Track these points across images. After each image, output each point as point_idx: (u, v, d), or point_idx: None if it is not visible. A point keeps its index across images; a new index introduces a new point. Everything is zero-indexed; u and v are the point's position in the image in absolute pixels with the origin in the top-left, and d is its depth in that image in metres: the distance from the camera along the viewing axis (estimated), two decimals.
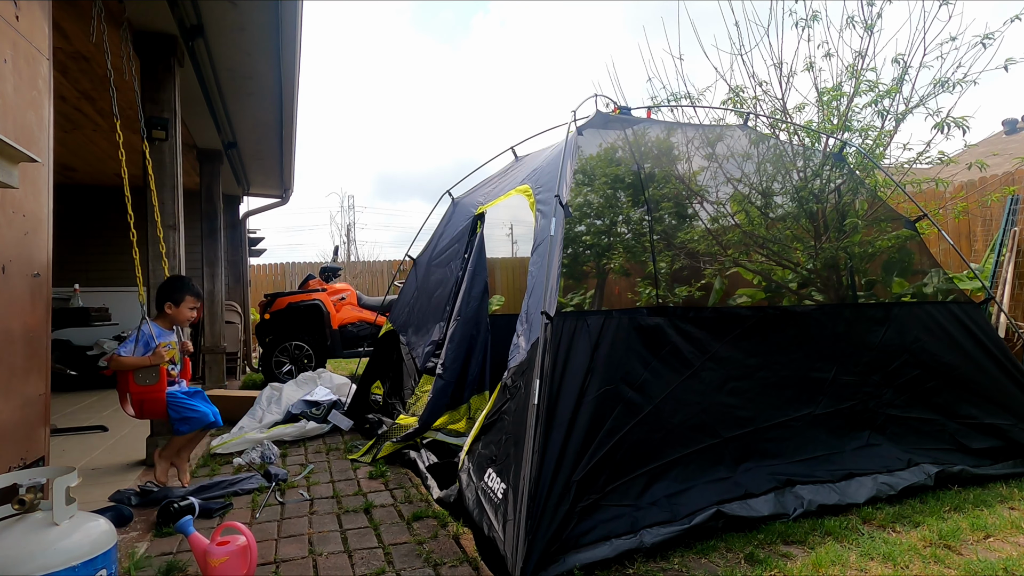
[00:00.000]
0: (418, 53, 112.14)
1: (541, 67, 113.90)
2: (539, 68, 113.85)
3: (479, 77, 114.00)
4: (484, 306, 3.95)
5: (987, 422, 3.10)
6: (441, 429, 3.80)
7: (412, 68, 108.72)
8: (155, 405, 3.01)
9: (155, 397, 2.98)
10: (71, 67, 4.38)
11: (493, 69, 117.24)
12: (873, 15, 4.44)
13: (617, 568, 2.10)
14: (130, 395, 2.98)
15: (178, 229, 3.75)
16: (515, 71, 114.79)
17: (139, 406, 3.01)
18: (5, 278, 1.82)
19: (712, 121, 4.86)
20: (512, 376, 2.52)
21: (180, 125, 3.96)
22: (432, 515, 2.69)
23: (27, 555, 1.44)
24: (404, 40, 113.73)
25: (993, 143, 11.59)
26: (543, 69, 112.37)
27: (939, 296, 4.46)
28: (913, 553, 2.18)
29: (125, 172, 3.02)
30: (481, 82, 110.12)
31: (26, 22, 1.97)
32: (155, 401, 3.00)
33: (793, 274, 5.10)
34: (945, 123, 4.13)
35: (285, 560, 2.31)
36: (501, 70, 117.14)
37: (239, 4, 3.60)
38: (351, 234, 28.79)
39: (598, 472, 2.28)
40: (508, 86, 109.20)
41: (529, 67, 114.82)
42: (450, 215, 4.72)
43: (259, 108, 5.31)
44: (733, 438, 2.64)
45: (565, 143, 3.10)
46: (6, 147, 1.54)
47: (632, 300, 8.36)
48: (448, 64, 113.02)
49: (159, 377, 2.97)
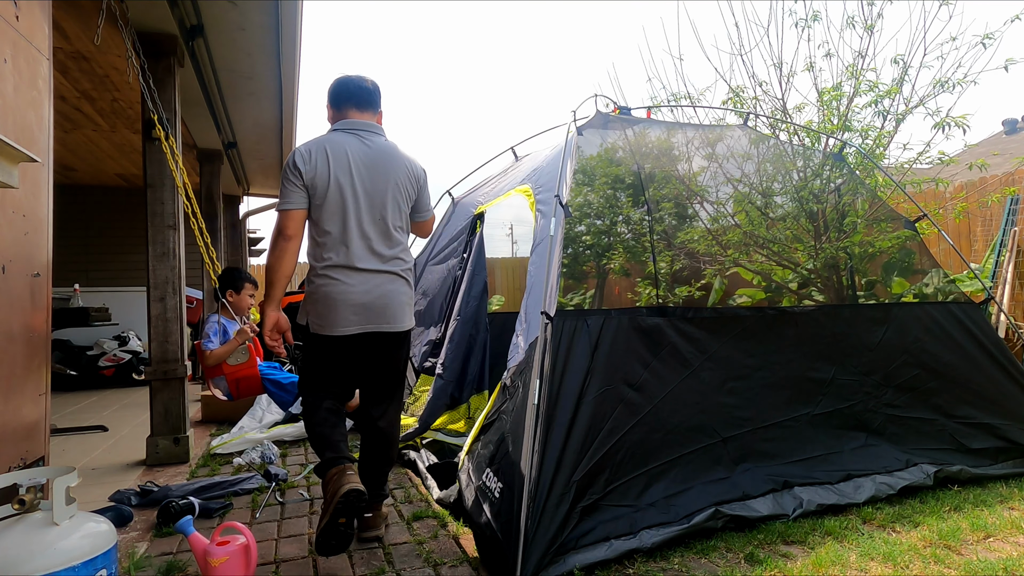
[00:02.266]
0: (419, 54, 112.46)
1: (541, 67, 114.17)
2: (539, 68, 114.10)
3: (479, 77, 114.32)
4: (483, 306, 3.95)
5: (986, 422, 3.10)
6: (440, 429, 3.80)
7: (412, 69, 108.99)
8: (251, 381, 3.20)
9: (250, 373, 3.19)
10: (71, 67, 4.38)
11: (493, 69, 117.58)
12: (873, 15, 4.44)
13: (617, 568, 2.10)
14: (224, 377, 3.15)
15: (178, 229, 3.75)
16: (515, 71, 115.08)
17: (235, 385, 3.18)
18: (5, 278, 1.82)
19: (712, 121, 4.86)
20: (512, 376, 2.52)
21: (180, 125, 3.96)
22: (432, 515, 2.69)
23: (27, 555, 1.44)
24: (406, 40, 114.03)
25: (993, 143, 11.59)
26: (543, 69, 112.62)
27: (939, 296, 4.46)
28: (913, 553, 2.18)
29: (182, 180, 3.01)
30: (481, 82, 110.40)
31: (26, 22, 1.97)
32: (250, 377, 3.19)
33: (793, 274, 5.10)
34: (945, 123, 4.14)
35: (285, 560, 2.31)
36: (501, 70, 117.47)
37: (239, 4, 3.60)
38: None
39: (598, 472, 2.28)
40: (508, 86, 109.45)
41: (529, 67, 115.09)
42: (449, 215, 4.72)
43: (259, 108, 5.32)
44: (732, 438, 2.64)
45: (565, 143, 3.10)
46: (6, 147, 1.54)
47: (632, 300, 8.37)
48: (449, 64, 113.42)
49: (248, 354, 3.18)
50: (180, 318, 3.74)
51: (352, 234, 2.26)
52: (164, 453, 3.61)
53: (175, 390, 3.68)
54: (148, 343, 3.76)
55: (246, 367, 3.17)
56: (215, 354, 3.10)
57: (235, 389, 3.18)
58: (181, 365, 3.73)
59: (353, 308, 2.25)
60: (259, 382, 3.22)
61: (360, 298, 2.25)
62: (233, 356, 3.12)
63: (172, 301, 3.68)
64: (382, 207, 2.32)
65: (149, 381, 3.67)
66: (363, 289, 2.26)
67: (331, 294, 2.25)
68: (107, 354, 6.62)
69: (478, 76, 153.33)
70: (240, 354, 3.14)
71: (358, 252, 2.26)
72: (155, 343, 3.68)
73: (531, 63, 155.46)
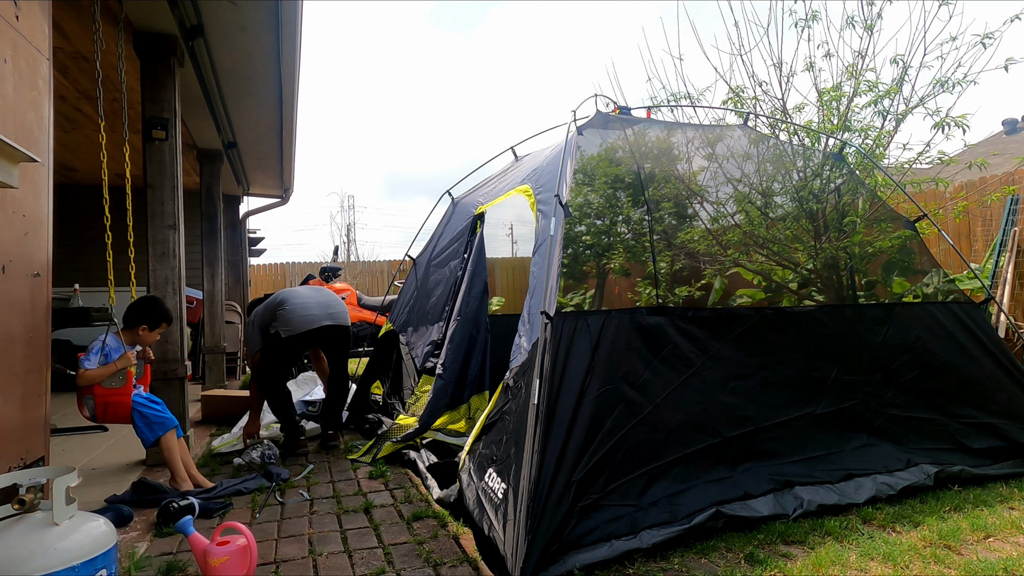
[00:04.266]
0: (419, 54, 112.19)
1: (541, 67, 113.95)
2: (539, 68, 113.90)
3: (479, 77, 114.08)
4: (484, 306, 3.95)
5: (987, 422, 3.10)
6: (441, 429, 3.80)
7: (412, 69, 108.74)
8: (119, 409, 3.01)
9: (120, 400, 2.99)
10: (71, 67, 4.38)
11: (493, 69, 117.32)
12: (873, 15, 4.44)
13: (617, 568, 2.10)
14: (93, 397, 2.97)
15: (178, 229, 3.75)
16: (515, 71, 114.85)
17: (103, 408, 2.99)
18: (5, 278, 1.82)
19: (712, 121, 4.87)
20: (514, 376, 2.52)
21: (180, 125, 3.96)
22: (432, 515, 2.69)
23: (27, 555, 1.44)
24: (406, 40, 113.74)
25: (993, 143, 11.59)
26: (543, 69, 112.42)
27: (939, 296, 4.46)
28: (913, 553, 2.18)
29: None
30: (481, 82, 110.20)
31: (26, 22, 1.97)
32: (119, 405, 3.00)
33: (793, 274, 5.10)
34: (945, 123, 4.14)
35: (285, 560, 2.31)
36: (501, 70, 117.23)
37: (239, 4, 3.60)
38: (351, 234, 28.81)
39: (598, 472, 2.28)
40: (508, 86, 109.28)
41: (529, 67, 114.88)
42: (450, 215, 4.72)
43: (259, 108, 5.31)
44: (733, 438, 2.64)
45: (565, 143, 3.10)
46: (6, 147, 1.54)
47: (632, 300, 8.37)
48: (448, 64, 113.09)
49: (125, 379, 2.99)
50: (180, 318, 3.74)
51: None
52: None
53: (175, 390, 3.68)
54: None
55: (119, 393, 3.00)
56: (87, 375, 2.93)
57: (101, 413, 3.01)
58: (181, 365, 3.73)
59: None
60: (128, 410, 3.03)
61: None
62: (108, 380, 2.97)
63: (172, 301, 3.68)
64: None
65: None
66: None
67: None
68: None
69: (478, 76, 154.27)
70: (116, 379, 2.99)
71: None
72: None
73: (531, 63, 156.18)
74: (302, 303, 3.91)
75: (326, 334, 3.94)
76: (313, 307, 3.91)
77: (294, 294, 4.00)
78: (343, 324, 4.01)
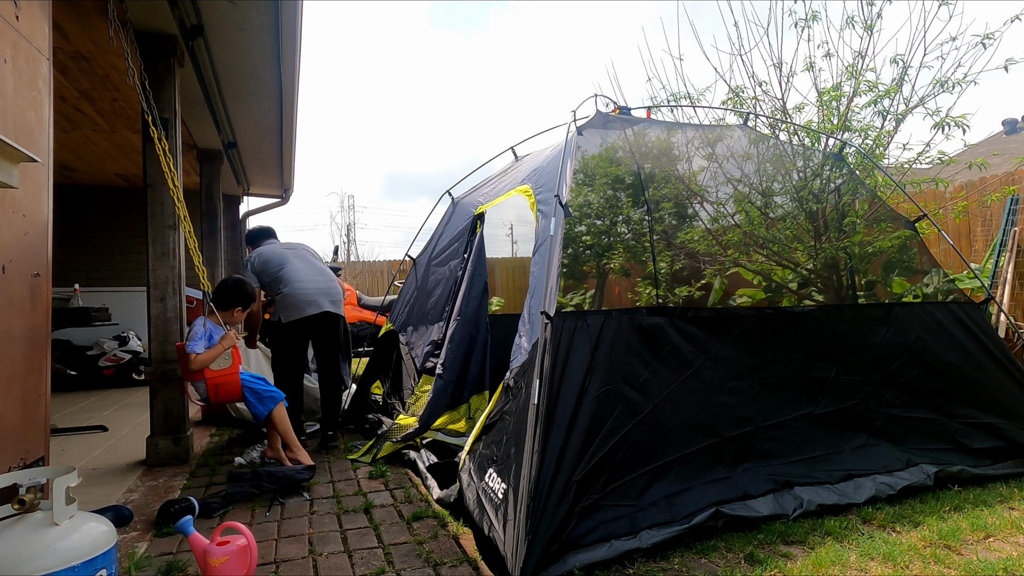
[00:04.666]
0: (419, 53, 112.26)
1: (541, 67, 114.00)
2: (539, 68, 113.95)
3: (479, 77, 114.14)
4: (484, 306, 3.95)
5: (987, 422, 3.10)
6: (441, 429, 3.79)
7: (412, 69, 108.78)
8: (231, 388, 3.17)
9: (230, 380, 3.17)
10: (71, 67, 4.38)
11: (493, 69, 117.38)
12: (873, 15, 4.44)
13: (617, 568, 2.10)
14: (204, 381, 3.13)
15: (178, 229, 3.75)
16: (515, 71, 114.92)
17: (215, 390, 3.15)
18: (5, 278, 1.82)
19: (712, 121, 4.86)
20: (514, 376, 2.52)
21: (180, 125, 3.96)
22: (432, 515, 2.69)
23: (27, 555, 1.44)
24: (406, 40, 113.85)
25: (993, 143, 11.60)
26: (543, 69, 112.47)
27: (939, 296, 4.46)
28: (913, 553, 2.18)
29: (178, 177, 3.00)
30: (481, 82, 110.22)
31: (26, 22, 1.97)
32: (230, 384, 3.16)
33: (793, 274, 5.10)
34: (945, 123, 4.13)
35: (285, 560, 2.31)
36: (501, 70, 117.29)
37: (239, 4, 3.60)
38: (351, 234, 28.79)
39: (598, 472, 2.28)
40: (508, 86, 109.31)
41: (529, 67, 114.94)
42: (450, 215, 4.72)
43: (259, 108, 5.31)
44: (733, 438, 2.64)
45: (565, 143, 3.10)
46: (6, 147, 1.54)
47: (632, 300, 8.37)
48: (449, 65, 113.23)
49: (232, 359, 3.17)
50: (180, 318, 3.73)
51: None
52: (164, 453, 3.61)
53: (175, 390, 3.68)
54: (148, 343, 3.76)
55: (228, 373, 3.15)
56: (200, 359, 3.08)
57: (214, 394, 3.15)
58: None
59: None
60: (239, 388, 3.18)
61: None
62: (216, 361, 3.11)
63: (172, 301, 3.68)
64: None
65: (149, 381, 3.67)
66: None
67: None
68: (107, 354, 6.61)
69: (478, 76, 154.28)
70: (223, 360, 3.14)
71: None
72: (155, 343, 3.68)
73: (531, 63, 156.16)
74: (301, 286, 3.83)
75: (323, 322, 3.89)
76: (312, 291, 3.84)
77: (293, 270, 3.86)
78: (341, 313, 4.01)
